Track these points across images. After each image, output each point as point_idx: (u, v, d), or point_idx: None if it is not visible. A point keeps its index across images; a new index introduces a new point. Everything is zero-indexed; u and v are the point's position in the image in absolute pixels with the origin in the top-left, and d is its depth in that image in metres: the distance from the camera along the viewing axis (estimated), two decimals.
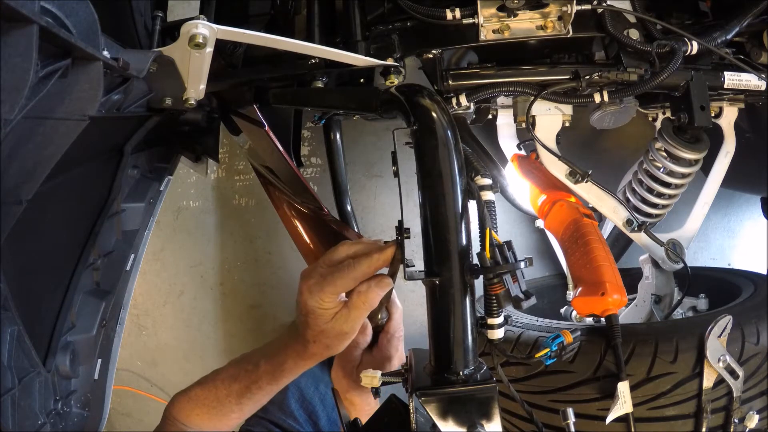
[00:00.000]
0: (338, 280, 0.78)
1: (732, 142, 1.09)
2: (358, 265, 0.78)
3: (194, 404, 0.93)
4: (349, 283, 0.78)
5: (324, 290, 0.78)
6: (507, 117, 1.28)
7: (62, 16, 0.51)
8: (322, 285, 0.78)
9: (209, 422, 0.93)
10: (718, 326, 0.84)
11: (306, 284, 0.80)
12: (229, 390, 0.91)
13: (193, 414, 0.93)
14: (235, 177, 1.90)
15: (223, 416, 0.92)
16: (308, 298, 0.79)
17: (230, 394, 0.91)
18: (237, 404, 0.91)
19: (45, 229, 0.78)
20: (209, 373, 0.95)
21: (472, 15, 0.88)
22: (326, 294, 0.78)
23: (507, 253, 0.65)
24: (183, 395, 0.95)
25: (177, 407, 0.94)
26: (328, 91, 1.00)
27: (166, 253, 1.91)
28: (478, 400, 0.62)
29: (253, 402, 0.92)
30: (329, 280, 0.78)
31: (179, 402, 0.95)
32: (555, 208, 1.07)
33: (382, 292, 0.78)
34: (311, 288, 0.79)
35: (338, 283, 0.78)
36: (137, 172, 1.07)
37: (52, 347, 0.82)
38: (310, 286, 0.79)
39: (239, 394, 0.91)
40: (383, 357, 0.95)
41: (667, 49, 0.89)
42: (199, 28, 0.68)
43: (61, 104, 0.55)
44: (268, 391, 0.90)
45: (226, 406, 0.91)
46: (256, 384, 0.89)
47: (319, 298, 0.78)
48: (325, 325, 0.80)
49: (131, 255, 1.02)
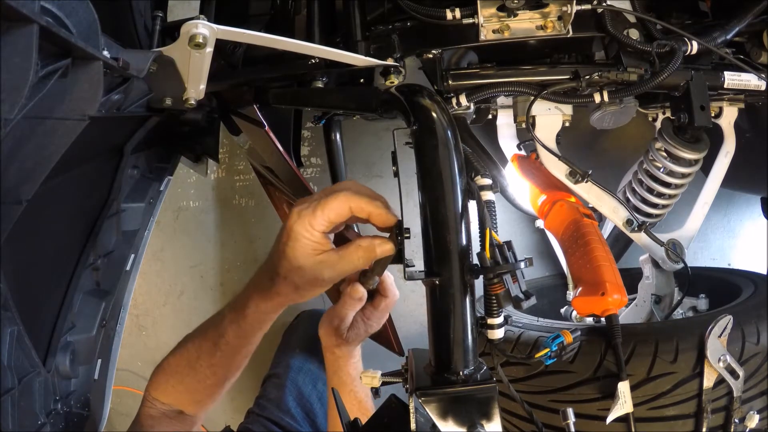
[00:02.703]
0: (333, 203, 0.71)
1: (732, 142, 1.09)
2: (358, 196, 0.71)
3: (169, 375, 0.86)
4: (344, 210, 0.72)
5: (316, 215, 0.71)
6: (507, 117, 1.28)
7: (62, 15, 0.51)
8: (315, 209, 0.71)
9: (186, 394, 0.86)
10: (719, 326, 0.84)
11: (297, 207, 0.73)
12: (199, 351, 0.83)
13: (169, 386, 0.86)
14: (235, 177, 1.90)
15: (198, 383, 0.85)
16: (296, 221, 0.71)
17: (201, 355, 0.83)
18: (209, 367, 0.83)
19: (45, 229, 0.78)
20: (183, 337, 0.88)
21: (472, 15, 0.87)
22: (317, 220, 0.71)
23: (507, 253, 0.65)
24: (158, 368, 0.88)
25: (153, 384, 0.88)
26: (328, 91, 1.00)
27: (166, 253, 1.91)
28: (478, 400, 0.62)
29: (225, 361, 0.83)
30: (323, 204, 0.71)
31: (155, 377, 0.88)
32: (555, 208, 1.07)
33: (381, 255, 0.74)
34: (302, 212, 0.72)
35: (333, 208, 0.71)
36: (137, 172, 1.07)
37: (52, 347, 0.82)
38: (302, 209, 0.72)
39: (209, 353, 0.82)
40: (376, 319, 0.93)
41: (667, 49, 0.89)
42: (199, 28, 0.68)
43: (61, 104, 0.55)
44: (237, 347, 0.82)
45: (199, 371, 0.84)
46: (223, 338, 0.81)
47: (309, 223, 0.71)
48: (304, 260, 0.72)
49: (131, 255, 1.03)
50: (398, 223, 0.74)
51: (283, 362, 1.47)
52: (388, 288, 0.94)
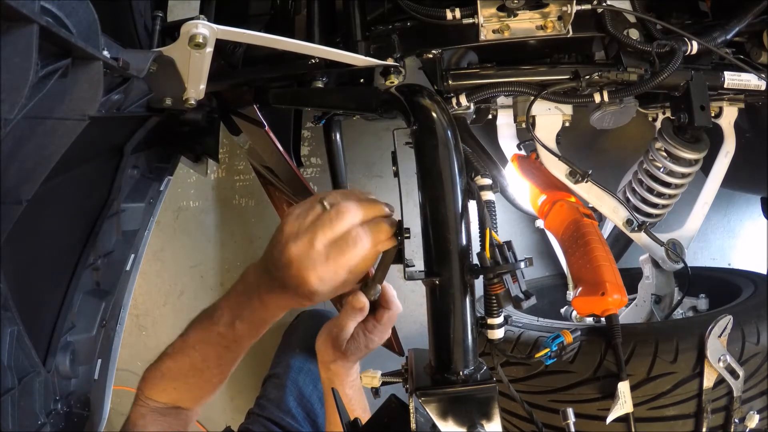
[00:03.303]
0: (362, 264, 0.72)
1: (732, 142, 1.09)
2: (376, 231, 0.72)
3: (169, 379, 0.87)
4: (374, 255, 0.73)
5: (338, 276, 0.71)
6: (507, 117, 1.28)
7: (62, 15, 0.51)
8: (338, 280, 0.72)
9: (188, 392, 0.88)
10: (719, 326, 0.84)
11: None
12: (205, 356, 0.84)
13: (170, 388, 0.87)
14: (235, 177, 1.90)
15: (205, 382, 0.87)
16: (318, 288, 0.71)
17: (207, 359, 0.84)
18: (217, 367, 0.86)
19: (45, 229, 0.78)
20: (175, 341, 0.88)
21: (472, 15, 0.87)
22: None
23: (507, 253, 0.65)
24: (155, 371, 0.88)
25: (149, 385, 0.88)
26: (328, 91, 1.00)
27: (166, 253, 1.91)
28: (478, 400, 0.62)
29: (234, 363, 0.87)
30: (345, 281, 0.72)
31: (152, 379, 0.88)
32: (555, 208, 1.07)
33: (386, 236, 0.73)
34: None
35: (360, 266, 0.72)
36: (137, 172, 1.07)
37: (52, 347, 0.82)
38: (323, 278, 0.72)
39: (219, 357, 0.84)
40: (378, 333, 0.92)
41: (667, 49, 0.89)
42: (199, 28, 0.68)
43: (61, 104, 0.55)
44: (246, 346, 0.86)
45: (206, 371, 0.86)
46: (236, 343, 0.83)
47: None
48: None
49: (131, 255, 1.03)
50: (398, 223, 0.74)
51: (283, 362, 1.47)
52: (390, 300, 0.93)
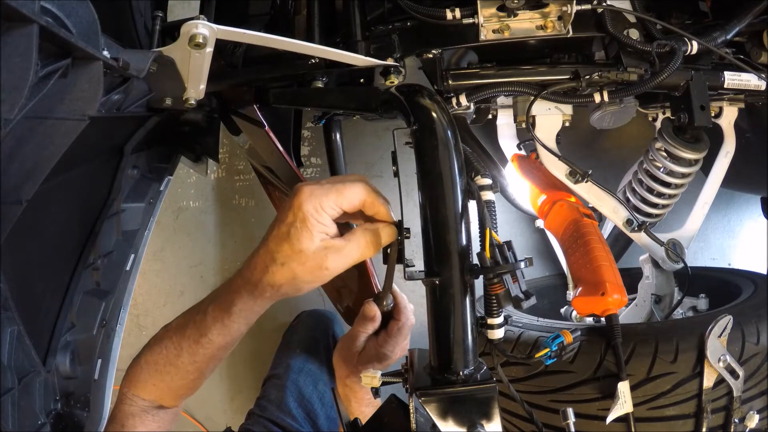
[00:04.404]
0: (350, 190, 0.70)
1: (732, 142, 1.09)
2: (375, 192, 0.71)
3: (147, 372, 0.79)
4: (358, 201, 0.70)
5: (329, 197, 0.69)
6: (507, 117, 1.28)
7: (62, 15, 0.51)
8: (329, 192, 0.69)
9: (168, 390, 0.81)
10: (719, 326, 0.84)
11: (307, 186, 0.70)
12: (179, 349, 0.77)
13: (149, 384, 0.80)
14: (235, 177, 1.90)
15: (181, 379, 0.79)
16: (306, 200, 0.68)
17: (182, 353, 0.77)
18: (192, 363, 0.78)
19: (45, 229, 0.78)
20: (159, 330, 0.82)
21: (472, 15, 0.87)
22: (330, 203, 0.69)
23: (507, 253, 0.65)
24: (134, 364, 0.81)
25: (131, 381, 0.82)
26: (328, 91, 1.00)
27: (166, 253, 1.91)
28: (478, 400, 0.62)
29: (208, 358, 0.78)
30: (339, 189, 0.70)
31: (131, 373, 0.82)
32: (555, 208, 1.07)
33: (387, 241, 0.73)
34: (314, 191, 0.69)
35: (348, 196, 0.70)
36: (137, 172, 1.07)
37: (52, 347, 0.82)
38: (313, 189, 0.69)
39: (191, 352, 0.77)
40: (389, 346, 0.90)
41: (667, 49, 0.89)
42: (199, 28, 0.68)
43: (61, 104, 0.55)
44: (221, 344, 0.77)
45: (181, 368, 0.78)
46: (205, 337, 0.75)
47: (320, 204, 0.68)
48: (308, 244, 0.68)
49: (131, 255, 1.03)
50: (398, 223, 0.74)
51: (283, 363, 1.47)
52: (401, 311, 0.91)
